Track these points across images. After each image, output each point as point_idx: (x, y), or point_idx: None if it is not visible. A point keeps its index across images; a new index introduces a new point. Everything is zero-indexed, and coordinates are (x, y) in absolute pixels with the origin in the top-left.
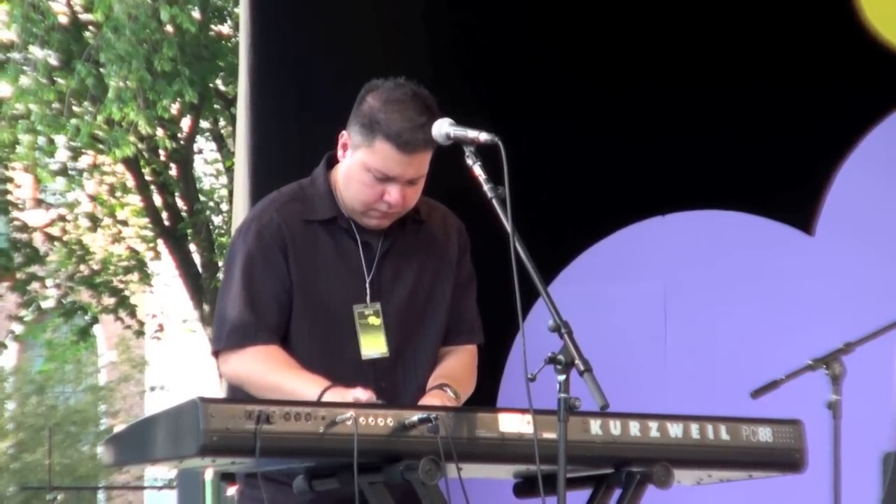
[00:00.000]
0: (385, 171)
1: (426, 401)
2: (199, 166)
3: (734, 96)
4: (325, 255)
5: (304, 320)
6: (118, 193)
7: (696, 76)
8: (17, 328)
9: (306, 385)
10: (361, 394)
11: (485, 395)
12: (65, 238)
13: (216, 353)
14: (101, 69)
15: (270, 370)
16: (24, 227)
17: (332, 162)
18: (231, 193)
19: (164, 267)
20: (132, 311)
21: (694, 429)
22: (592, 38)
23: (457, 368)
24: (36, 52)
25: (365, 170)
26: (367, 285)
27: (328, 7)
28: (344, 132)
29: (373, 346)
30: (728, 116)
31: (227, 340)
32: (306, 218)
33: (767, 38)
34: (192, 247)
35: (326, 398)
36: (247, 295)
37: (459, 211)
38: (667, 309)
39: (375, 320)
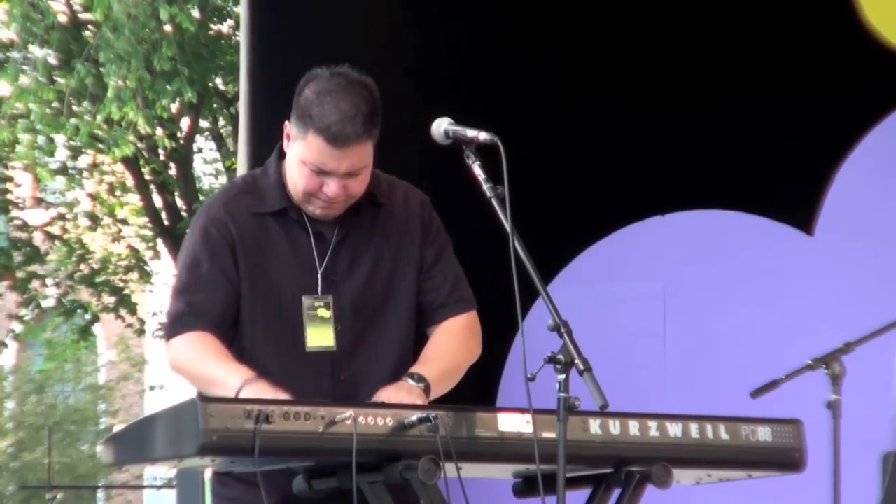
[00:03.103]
0: (319, 165)
1: (380, 394)
2: (199, 166)
3: (734, 97)
4: (275, 248)
5: (257, 315)
6: (118, 192)
7: (696, 76)
8: (17, 327)
9: (229, 375)
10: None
11: (484, 395)
12: (65, 237)
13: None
14: (101, 68)
15: (200, 358)
16: (24, 226)
17: (283, 152)
18: None
19: (164, 266)
20: (132, 310)
21: (693, 428)
22: (591, 38)
23: (434, 346)
24: (35, 51)
25: (301, 163)
26: (320, 277)
27: (328, 6)
28: (287, 122)
29: (320, 338)
30: (728, 116)
31: (168, 332)
32: (256, 211)
33: (768, 38)
34: None
35: (245, 392)
36: (190, 289)
37: (458, 210)
38: (666, 308)
39: (325, 312)
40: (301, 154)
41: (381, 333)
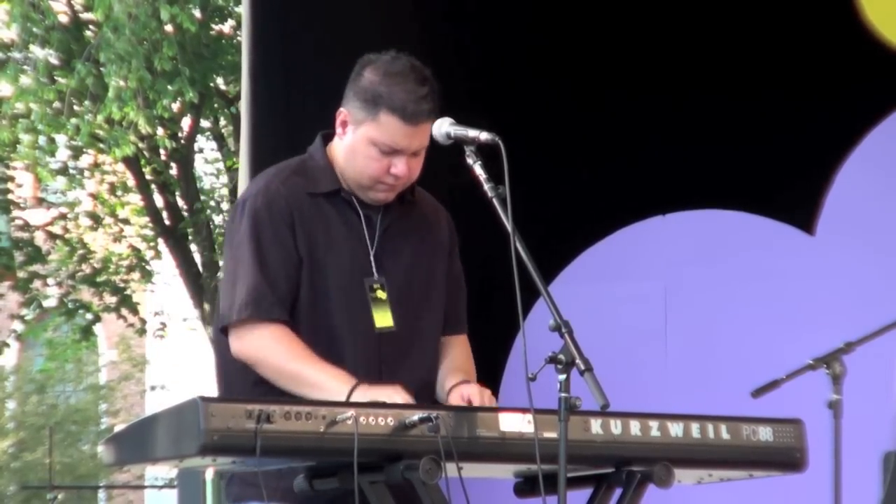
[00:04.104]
0: (392, 144)
1: (465, 390)
2: (200, 166)
3: (734, 96)
4: (331, 228)
5: (312, 292)
6: (119, 192)
7: (696, 76)
8: (19, 327)
9: (332, 380)
10: (397, 395)
11: None
12: (66, 237)
13: (226, 329)
14: (102, 68)
15: (290, 356)
16: (26, 226)
17: (327, 139)
18: (231, 192)
19: (165, 266)
20: (134, 310)
21: (694, 428)
22: (592, 37)
23: (466, 361)
24: (36, 51)
25: (371, 144)
26: (372, 258)
27: (330, 6)
28: (342, 109)
29: (382, 319)
30: (728, 116)
31: (239, 313)
32: (310, 191)
33: (768, 38)
34: (193, 246)
35: (355, 397)
36: (259, 267)
37: (459, 210)
38: (667, 308)
39: (382, 294)
40: (370, 135)
41: (417, 323)
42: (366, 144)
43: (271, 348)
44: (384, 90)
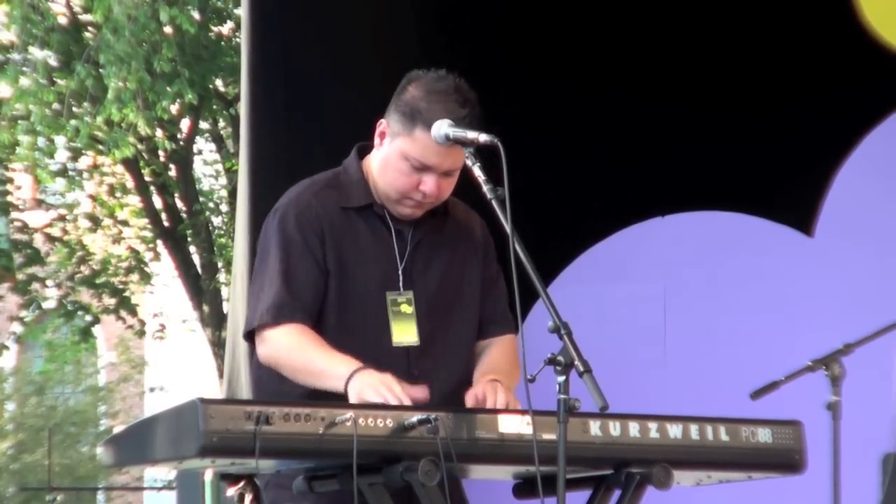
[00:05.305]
0: (423, 160)
1: (478, 388)
2: (199, 167)
3: (733, 97)
4: (361, 242)
5: (339, 306)
6: (118, 194)
7: (695, 77)
8: (18, 329)
9: (337, 365)
10: (394, 385)
11: None
12: (65, 238)
13: (251, 334)
14: (101, 70)
15: (302, 348)
16: (25, 228)
17: (363, 152)
18: (230, 194)
19: (164, 268)
20: (133, 311)
21: (693, 430)
22: (592, 38)
23: (501, 360)
24: (35, 52)
25: (403, 158)
26: (400, 273)
27: (329, 9)
28: (382, 120)
29: (404, 333)
30: (727, 117)
31: (261, 318)
32: (343, 205)
33: (767, 39)
34: (192, 248)
35: (356, 381)
36: (284, 276)
37: None
38: (666, 310)
39: (408, 308)
40: (404, 149)
41: (450, 334)
42: (398, 158)
43: (286, 345)
44: (424, 106)
